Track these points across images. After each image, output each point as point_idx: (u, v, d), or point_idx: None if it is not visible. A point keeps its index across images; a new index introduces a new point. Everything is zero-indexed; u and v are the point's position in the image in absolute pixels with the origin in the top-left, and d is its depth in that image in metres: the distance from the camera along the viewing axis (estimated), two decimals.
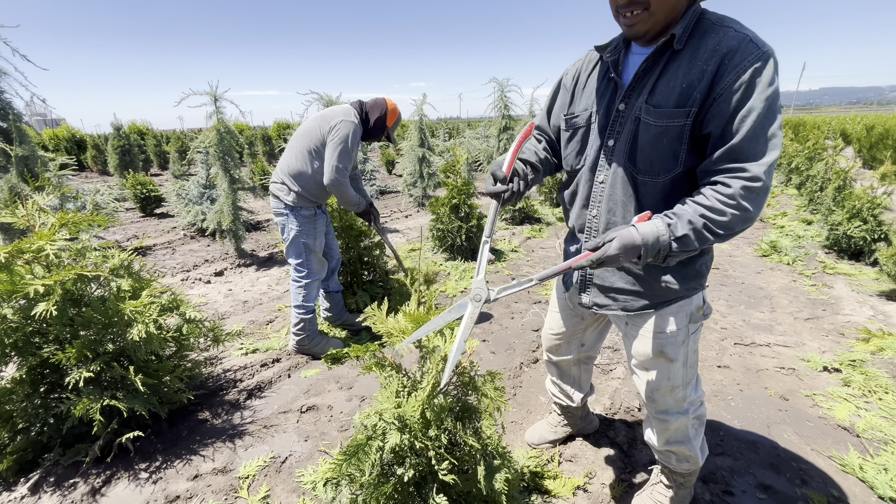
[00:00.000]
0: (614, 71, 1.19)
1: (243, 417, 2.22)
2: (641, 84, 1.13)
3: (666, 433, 1.44)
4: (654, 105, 1.09)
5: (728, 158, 1.02)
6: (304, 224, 2.52)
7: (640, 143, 1.13)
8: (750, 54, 0.97)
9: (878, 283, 3.70)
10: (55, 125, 18.40)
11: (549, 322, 1.71)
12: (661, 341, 1.31)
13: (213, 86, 4.19)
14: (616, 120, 1.18)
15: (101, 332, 1.89)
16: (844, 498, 1.68)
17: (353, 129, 2.41)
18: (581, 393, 1.82)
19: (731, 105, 0.99)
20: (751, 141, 0.99)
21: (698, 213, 1.03)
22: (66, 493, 1.75)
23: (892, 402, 2.20)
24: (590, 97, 1.26)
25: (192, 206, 5.88)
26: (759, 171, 0.99)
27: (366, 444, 1.26)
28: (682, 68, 1.05)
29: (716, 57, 1.00)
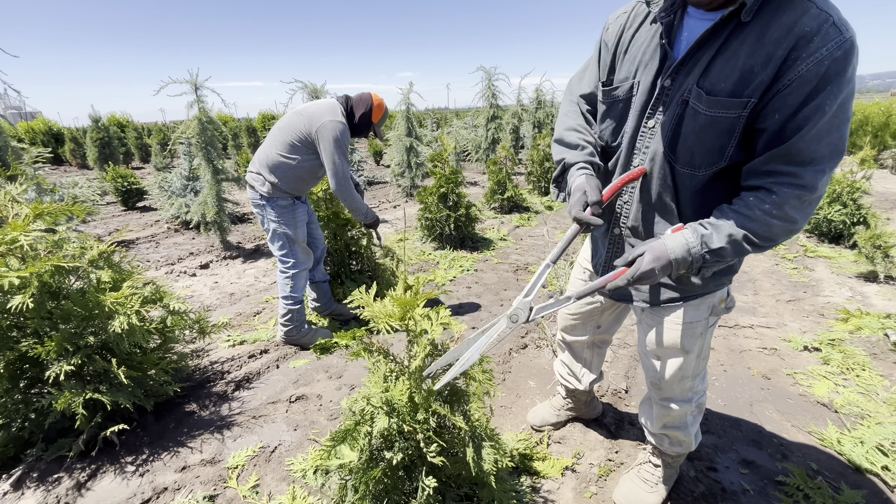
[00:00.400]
0: (666, 36, 1.00)
1: (231, 408, 2.20)
2: (695, 59, 0.96)
3: (665, 419, 1.43)
4: (707, 90, 0.94)
5: (781, 160, 0.90)
6: (282, 214, 2.47)
7: (684, 132, 1.00)
8: (830, 41, 0.82)
9: (857, 266, 3.79)
10: (31, 118, 17.84)
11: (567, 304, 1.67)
12: (679, 332, 1.26)
13: (193, 74, 4.09)
14: (659, 98, 1.03)
15: (81, 325, 1.85)
16: (822, 470, 1.74)
17: (342, 128, 2.36)
18: (591, 376, 1.77)
19: (799, 100, 0.85)
20: (811, 143, 0.86)
21: (738, 224, 0.94)
22: (51, 487, 1.73)
23: (869, 378, 2.26)
24: (633, 63, 1.08)
25: (175, 199, 5.77)
26: (815, 181, 0.87)
27: (354, 430, 1.26)
28: (746, 47, 0.88)
29: (789, 39, 0.84)
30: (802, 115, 0.86)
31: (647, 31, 1.07)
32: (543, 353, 2.64)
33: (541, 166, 7.24)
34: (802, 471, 1.71)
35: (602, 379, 1.85)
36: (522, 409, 2.15)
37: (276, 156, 2.39)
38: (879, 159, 9.44)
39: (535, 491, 1.66)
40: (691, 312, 1.24)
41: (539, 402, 2.18)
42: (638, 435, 1.95)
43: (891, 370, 2.35)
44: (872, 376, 2.28)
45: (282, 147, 2.39)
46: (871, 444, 1.82)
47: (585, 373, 1.77)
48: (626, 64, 1.11)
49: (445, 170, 4.60)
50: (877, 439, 1.85)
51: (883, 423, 1.95)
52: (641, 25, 1.09)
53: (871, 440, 1.85)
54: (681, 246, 0.97)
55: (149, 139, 14.65)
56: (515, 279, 3.84)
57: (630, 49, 1.10)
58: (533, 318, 1.09)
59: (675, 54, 1.00)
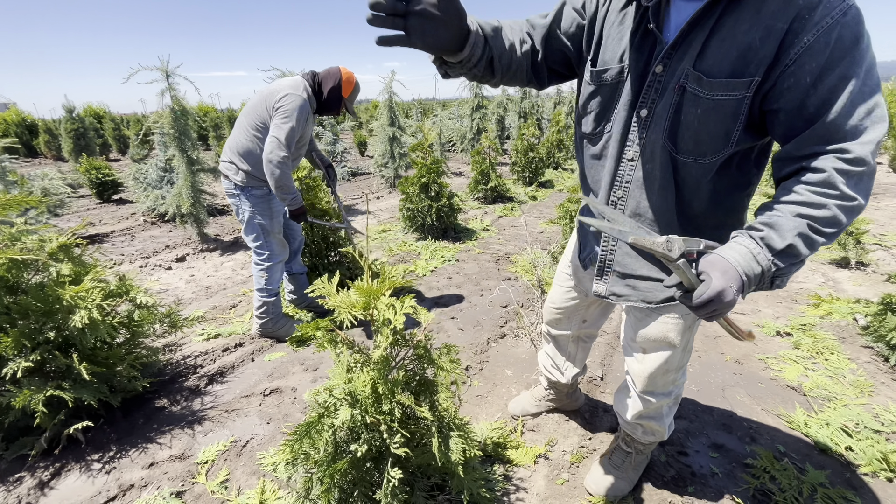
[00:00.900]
0: (654, 20, 0.93)
1: (203, 403, 2.16)
2: (688, 42, 0.89)
3: (642, 409, 1.41)
4: (706, 73, 0.87)
5: (818, 140, 0.81)
6: (257, 204, 2.41)
7: (685, 119, 0.93)
8: (834, 8, 0.76)
9: (830, 252, 3.86)
10: (3, 109, 17.21)
11: (552, 296, 1.62)
12: (668, 327, 1.23)
13: (164, 61, 3.95)
14: (651, 86, 0.96)
15: (40, 320, 1.79)
16: (789, 452, 1.77)
17: (300, 102, 2.24)
18: (575, 370, 1.75)
19: (814, 73, 0.78)
20: (847, 116, 0.78)
21: (796, 214, 0.81)
22: (12, 487, 1.68)
23: (837, 361, 2.31)
24: (620, 46, 1.00)
25: (151, 191, 5.62)
26: (864, 152, 0.78)
27: (317, 422, 1.24)
28: (743, 23, 0.83)
29: (789, 10, 0.78)
30: (827, 88, 0.78)
31: (632, 12, 0.98)
32: (521, 342, 2.64)
33: (525, 156, 7.22)
34: (770, 453, 1.74)
35: (585, 373, 1.84)
36: (499, 397, 2.15)
37: (246, 142, 2.32)
38: None
39: (508, 479, 1.66)
40: (683, 307, 1.20)
41: (516, 391, 2.18)
42: (611, 422, 1.96)
43: (858, 353, 2.40)
44: (840, 359, 2.33)
45: (249, 132, 2.32)
46: (836, 426, 1.86)
47: (569, 366, 1.75)
48: (613, 45, 1.02)
49: (427, 160, 4.55)
50: (842, 421, 1.89)
51: (848, 405, 2.00)
52: (625, 4, 1.00)
53: (836, 422, 1.89)
54: (744, 256, 0.81)
55: (127, 130, 14.25)
56: (497, 269, 3.83)
57: (612, 26, 1.02)
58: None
59: (665, 38, 0.93)
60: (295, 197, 2.39)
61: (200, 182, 4.57)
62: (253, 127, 2.31)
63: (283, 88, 2.28)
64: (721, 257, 0.81)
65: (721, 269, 0.79)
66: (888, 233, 4.41)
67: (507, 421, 1.97)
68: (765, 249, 0.82)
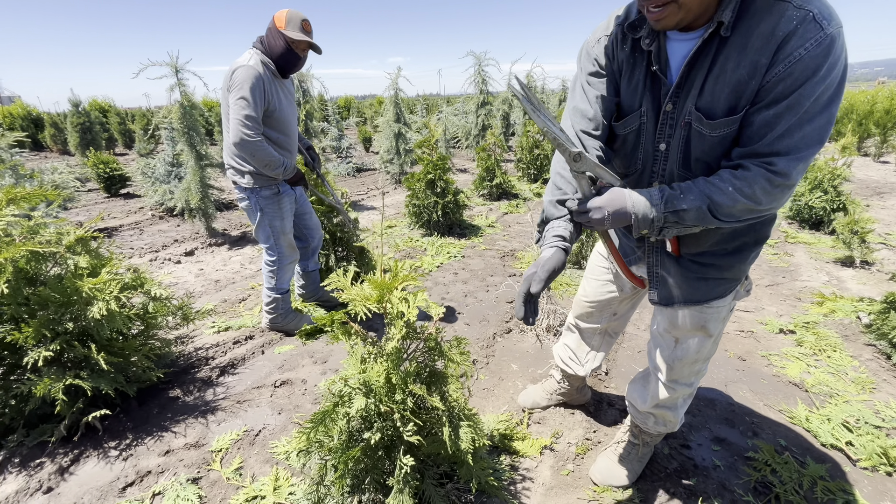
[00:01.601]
0: (656, 63, 1.02)
1: (216, 394, 2.21)
2: (689, 81, 0.97)
3: (661, 398, 1.44)
4: (705, 112, 0.96)
5: (755, 154, 0.91)
6: (267, 205, 2.39)
7: (694, 153, 1.02)
8: (808, 40, 0.81)
9: (835, 251, 3.88)
10: (8, 102, 17.31)
11: (586, 289, 1.65)
12: (706, 316, 1.27)
13: (173, 56, 3.99)
14: (665, 122, 1.05)
15: (59, 311, 1.83)
16: (790, 446, 1.80)
17: (247, 72, 2.09)
18: (595, 364, 1.76)
19: (772, 96, 0.87)
20: (784, 138, 0.87)
21: (706, 193, 0.94)
22: (33, 472, 1.73)
23: (840, 359, 2.34)
24: (635, 94, 1.09)
25: (159, 185, 5.67)
26: (788, 168, 0.88)
27: (332, 411, 1.28)
28: (731, 61, 0.90)
29: (770, 46, 0.85)
30: (773, 113, 0.87)
31: (637, 56, 1.07)
32: (527, 337, 2.68)
33: (530, 153, 7.23)
34: (771, 447, 1.77)
35: (602, 368, 1.86)
36: (505, 391, 2.19)
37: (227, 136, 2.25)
38: (863, 147, 9.58)
39: (514, 469, 1.70)
40: (723, 299, 1.25)
41: (522, 385, 2.22)
42: (616, 416, 2.00)
43: (860, 351, 2.43)
44: (843, 357, 2.35)
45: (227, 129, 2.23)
46: (837, 422, 1.89)
47: (591, 359, 1.76)
48: (628, 92, 1.10)
49: (433, 156, 4.58)
50: (843, 416, 1.92)
51: (850, 401, 2.03)
52: (630, 50, 1.07)
53: (837, 417, 1.92)
54: (643, 203, 0.98)
55: (132, 124, 14.32)
56: (502, 265, 3.86)
57: (625, 74, 1.10)
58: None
59: (669, 79, 1.01)
60: (286, 166, 2.32)
61: (208, 177, 4.61)
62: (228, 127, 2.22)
63: (232, 67, 2.16)
64: (626, 191, 0.99)
65: (613, 196, 0.99)
66: (893, 232, 4.41)
67: (513, 413, 2.01)
68: (662, 204, 0.98)
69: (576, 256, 3.65)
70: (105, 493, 1.65)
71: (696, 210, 0.95)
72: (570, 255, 3.67)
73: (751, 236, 1.16)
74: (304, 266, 2.85)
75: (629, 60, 1.08)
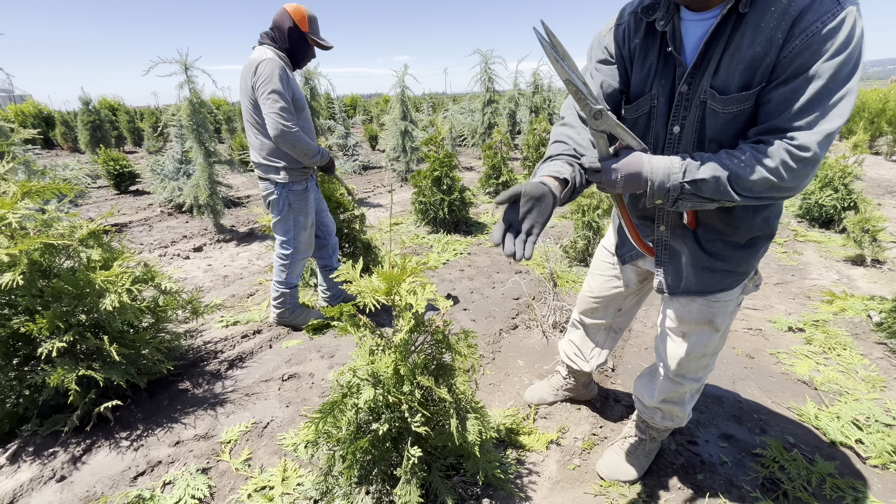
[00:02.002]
0: (671, 44, 1.00)
1: (224, 386, 2.23)
2: (706, 61, 0.96)
3: (669, 393, 1.43)
4: (719, 89, 0.95)
5: (775, 129, 0.90)
6: (296, 201, 2.41)
7: (709, 132, 1.01)
8: (824, 13, 0.81)
9: (845, 249, 3.83)
10: (20, 101, 17.53)
11: (591, 284, 1.65)
12: (713, 310, 1.26)
13: (182, 54, 4.03)
14: (679, 104, 1.04)
15: (72, 303, 1.86)
16: (799, 444, 1.79)
17: (275, 65, 2.14)
18: (600, 360, 1.76)
19: (790, 71, 0.86)
20: (804, 112, 0.86)
21: (727, 164, 0.92)
22: (46, 461, 1.76)
23: (850, 357, 2.32)
24: (647, 76, 1.08)
25: (168, 182, 5.73)
26: (810, 140, 0.86)
27: (341, 402, 1.29)
28: (747, 38, 0.89)
29: (785, 21, 0.84)
30: (793, 88, 0.86)
31: (651, 39, 1.06)
32: (533, 333, 2.68)
33: (536, 151, 7.21)
34: (779, 444, 1.76)
35: (608, 364, 1.85)
36: (511, 386, 2.20)
37: (258, 137, 2.32)
38: (874, 146, 9.46)
39: (521, 463, 1.71)
40: (727, 292, 1.24)
41: (528, 381, 2.23)
42: (622, 411, 2.00)
43: (871, 349, 2.40)
44: (853, 355, 2.33)
45: (256, 126, 2.30)
46: (847, 419, 1.88)
47: (596, 355, 1.76)
48: (639, 76, 1.10)
49: (440, 153, 4.58)
50: (853, 414, 1.90)
51: (860, 399, 2.01)
52: (643, 34, 1.07)
53: (847, 415, 1.90)
54: (661, 169, 0.96)
55: (141, 123, 14.46)
56: (508, 262, 3.86)
57: (637, 59, 1.09)
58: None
59: (684, 60, 1.01)
60: (322, 153, 2.40)
61: (217, 174, 4.65)
62: (258, 123, 2.29)
63: (254, 60, 2.19)
64: (645, 156, 0.98)
65: (630, 160, 0.98)
66: None
67: (519, 408, 2.02)
68: (680, 173, 0.96)
69: (582, 254, 3.64)
70: (117, 482, 1.67)
71: (714, 181, 0.93)
72: (576, 253, 3.66)
73: (765, 230, 1.15)
74: (327, 264, 2.78)
75: (642, 46, 1.07)
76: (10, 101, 20.88)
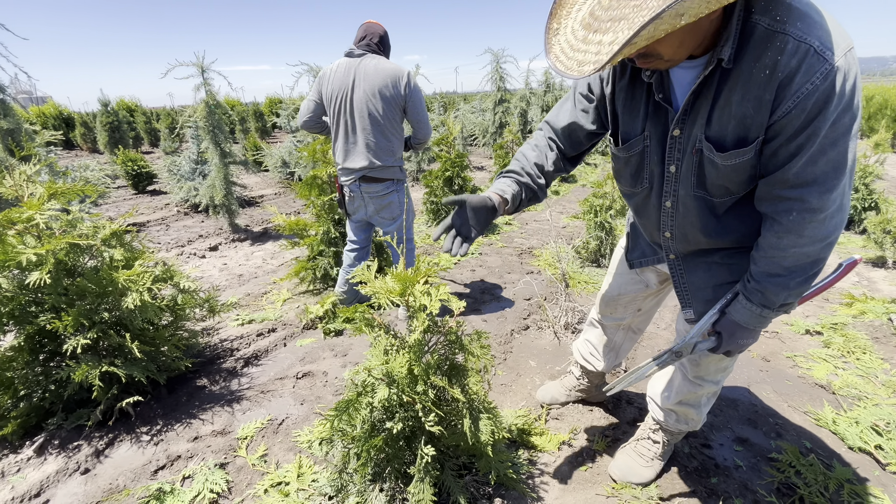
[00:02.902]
0: (660, 91, 1.02)
1: (241, 384, 2.28)
2: (695, 109, 0.98)
3: (687, 395, 1.43)
4: (716, 144, 0.97)
5: (783, 185, 0.93)
6: (404, 194, 2.53)
7: (709, 178, 1.03)
8: (814, 74, 0.81)
9: (866, 251, 3.75)
10: (41, 102, 17.97)
11: (611, 284, 1.65)
12: None
13: (199, 56, 4.10)
14: (673, 146, 1.06)
15: (95, 301, 1.92)
16: (815, 448, 1.77)
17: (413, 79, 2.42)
18: (616, 360, 1.77)
19: (791, 131, 0.87)
20: (807, 166, 0.88)
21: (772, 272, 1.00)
22: (71, 454, 1.82)
23: (869, 361, 2.27)
24: (637, 119, 1.11)
25: (184, 182, 5.84)
26: (822, 201, 0.89)
27: (356, 400, 1.31)
28: (736, 94, 0.90)
29: (773, 81, 0.84)
30: (796, 144, 0.88)
31: (638, 85, 1.08)
32: (544, 334, 2.68)
33: None
34: (795, 448, 1.74)
35: (622, 365, 1.85)
36: (523, 386, 2.20)
37: (388, 140, 2.41)
38: None
39: (532, 463, 1.72)
40: None
41: (539, 381, 2.23)
42: (635, 413, 1.99)
43: (892, 353, 2.36)
44: (873, 359, 2.29)
45: (390, 129, 2.40)
46: (866, 425, 1.85)
47: (612, 356, 1.76)
48: (629, 119, 1.12)
49: (451, 153, 4.59)
50: (872, 420, 1.87)
51: (880, 404, 1.97)
52: (629, 79, 1.09)
53: (866, 420, 1.87)
54: (750, 316, 1.06)
55: (157, 123, 14.72)
56: (520, 263, 3.86)
57: (625, 102, 1.12)
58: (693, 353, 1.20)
59: (674, 107, 1.03)
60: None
61: (232, 174, 4.73)
62: (394, 124, 2.41)
63: (390, 72, 2.31)
64: (732, 321, 1.09)
65: (729, 331, 1.11)
66: None
67: (531, 409, 2.02)
68: (764, 309, 1.04)
69: (594, 255, 3.63)
70: (138, 475, 1.72)
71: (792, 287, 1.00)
72: (588, 254, 3.64)
73: None
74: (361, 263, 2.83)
75: (628, 89, 1.10)
76: (32, 102, 21.43)
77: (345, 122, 2.38)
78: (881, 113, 9.67)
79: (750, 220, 1.09)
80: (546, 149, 1.31)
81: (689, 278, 1.27)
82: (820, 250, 0.95)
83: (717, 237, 1.14)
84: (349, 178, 2.49)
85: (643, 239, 1.40)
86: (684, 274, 1.28)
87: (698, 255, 1.23)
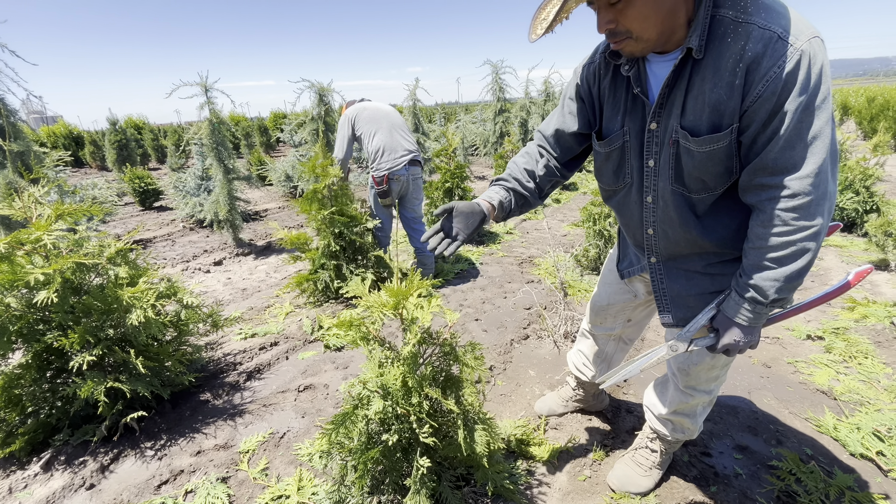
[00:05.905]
0: (637, 85, 1.07)
1: (243, 397, 2.30)
2: (670, 101, 1.02)
3: (680, 405, 1.43)
4: (690, 130, 1.00)
5: (763, 172, 0.95)
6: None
7: (686, 169, 1.05)
8: (779, 58, 0.85)
9: (867, 254, 3.73)
10: (52, 122, 18.37)
11: (599, 294, 1.67)
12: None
13: (202, 76, 4.21)
14: (651, 140, 1.09)
15: (101, 318, 1.96)
16: (816, 455, 1.76)
17: None
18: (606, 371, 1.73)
19: (764, 116, 0.90)
20: (784, 150, 0.91)
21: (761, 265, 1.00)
22: (77, 469, 1.85)
23: (871, 366, 2.26)
24: (617, 114, 1.15)
25: (189, 198, 5.94)
26: (801, 186, 0.91)
27: (352, 413, 1.34)
28: (708, 82, 0.94)
29: (741, 67, 0.89)
30: (772, 128, 0.91)
31: (619, 81, 1.13)
32: (544, 343, 2.69)
33: None
34: (796, 455, 1.73)
35: None
36: (522, 396, 2.21)
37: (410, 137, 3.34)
38: None
39: (531, 474, 1.72)
40: None
41: (539, 391, 2.24)
42: (634, 423, 1.99)
43: (894, 358, 2.34)
44: (875, 364, 2.27)
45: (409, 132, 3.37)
46: (867, 430, 1.83)
47: (603, 366, 1.77)
48: (612, 115, 1.17)
49: (451, 165, 4.65)
50: (874, 425, 1.86)
51: (882, 409, 1.96)
52: (611, 76, 1.14)
53: (868, 426, 1.86)
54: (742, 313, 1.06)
55: (164, 140, 14.99)
56: (520, 272, 3.88)
57: (608, 99, 1.17)
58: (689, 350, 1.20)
59: (651, 100, 1.06)
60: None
61: (235, 189, 4.81)
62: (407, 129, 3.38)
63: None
64: (726, 317, 1.09)
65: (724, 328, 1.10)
66: None
67: (530, 419, 2.03)
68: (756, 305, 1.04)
69: (593, 263, 3.64)
70: (142, 490, 1.75)
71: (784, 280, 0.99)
72: (588, 262, 3.66)
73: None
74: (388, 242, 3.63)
75: (611, 87, 1.15)
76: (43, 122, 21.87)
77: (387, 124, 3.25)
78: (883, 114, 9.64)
79: (731, 222, 1.10)
80: (536, 155, 1.35)
81: (669, 284, 1.27)
82: (807, 238, 0.95)
83: (699, 236, 1.14)
84: (400, 162, 3.15)
85: (631, 248, 1.43)
86: (664, 280, 1.28)
87: (679, 262, 1.24)
